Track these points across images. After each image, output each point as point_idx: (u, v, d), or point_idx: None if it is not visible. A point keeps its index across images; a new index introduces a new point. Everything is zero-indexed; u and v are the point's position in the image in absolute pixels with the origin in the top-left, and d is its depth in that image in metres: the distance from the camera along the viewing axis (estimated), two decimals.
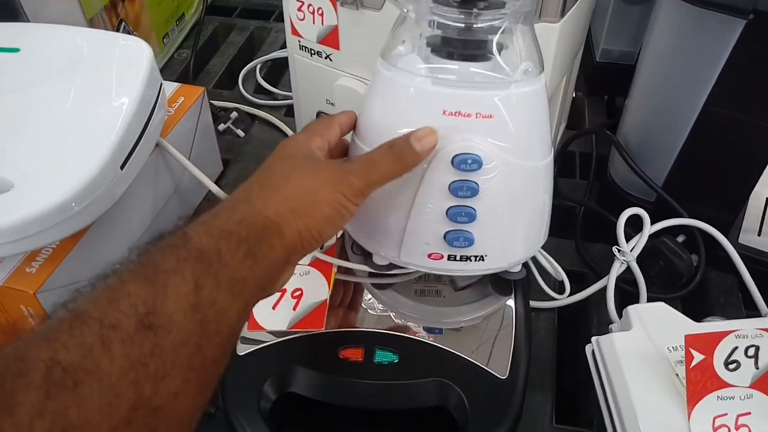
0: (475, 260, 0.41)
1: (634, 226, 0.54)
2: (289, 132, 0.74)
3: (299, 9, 0.55)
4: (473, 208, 0.39)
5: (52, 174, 0.42)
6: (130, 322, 0.26)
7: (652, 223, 0.54)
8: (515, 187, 0.40)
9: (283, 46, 0.88)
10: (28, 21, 0.68)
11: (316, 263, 0.47)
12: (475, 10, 0.39)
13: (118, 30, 0.72)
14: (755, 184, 0.51)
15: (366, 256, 0.45)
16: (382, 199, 0.41)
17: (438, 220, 0.39)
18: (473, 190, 0.39)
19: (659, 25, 0.50)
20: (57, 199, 0.40)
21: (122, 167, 0.45)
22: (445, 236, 0.40)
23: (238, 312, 0.30)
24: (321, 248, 0.48)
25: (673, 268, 0.53)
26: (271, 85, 0.82)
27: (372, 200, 0.42)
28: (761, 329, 0.36)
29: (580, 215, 0.60)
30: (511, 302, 0.47)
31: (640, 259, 0.53)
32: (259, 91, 0.82)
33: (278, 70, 0.87)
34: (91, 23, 0.67)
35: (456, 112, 0.38)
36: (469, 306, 0.47)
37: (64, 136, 0.45)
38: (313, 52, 0.57)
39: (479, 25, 0.39)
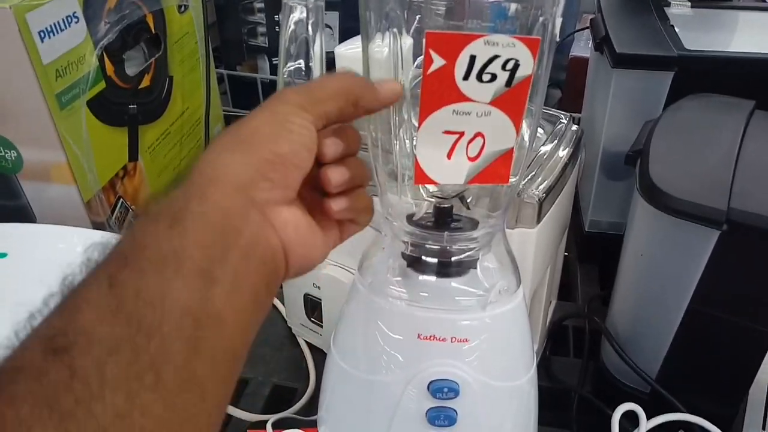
0: None
1: (633, 417, 0.52)
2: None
3: None
4: None
5: None
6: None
7: (650, 415, 0.52)
8: (496, 410, 0.39)
9: None
10: (29, 203, 0.71)
11: None
12: (446, 234, 0.39)
13: (115, 207, 0.74)
14: (752, 381, 0.50)
15: None
16: (358, 427, 0.40)
17: None
18: (451, 419, 0.37)
19: (636, 225, 0.51)
20: None
21: None
22: None
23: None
24: None
25: None
26: None
27: (349, 427, 0.41)
28: None
29: (575, 404, 0.57)
30: None
31: None
32: None
33: None
34: (88, 205, 0.69)
35: (431, 336, 0.38)
36: None
37: None
38: None
39: (452, 247, 0.40)
